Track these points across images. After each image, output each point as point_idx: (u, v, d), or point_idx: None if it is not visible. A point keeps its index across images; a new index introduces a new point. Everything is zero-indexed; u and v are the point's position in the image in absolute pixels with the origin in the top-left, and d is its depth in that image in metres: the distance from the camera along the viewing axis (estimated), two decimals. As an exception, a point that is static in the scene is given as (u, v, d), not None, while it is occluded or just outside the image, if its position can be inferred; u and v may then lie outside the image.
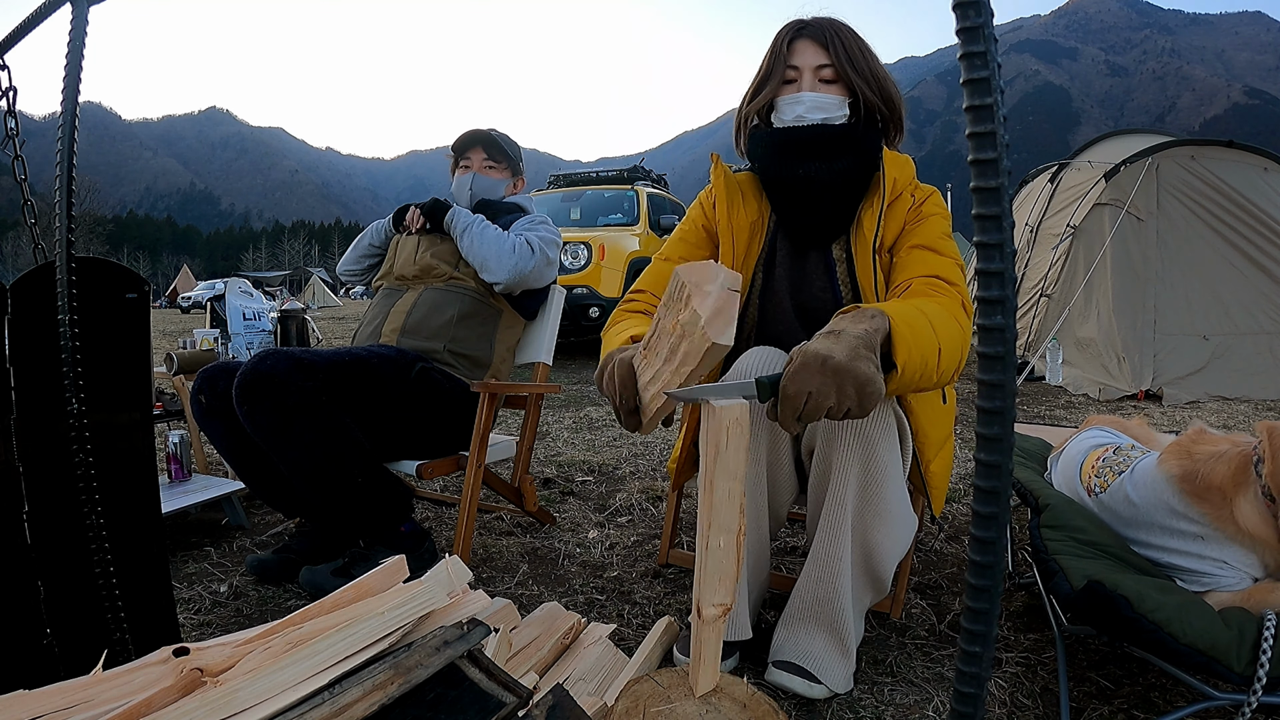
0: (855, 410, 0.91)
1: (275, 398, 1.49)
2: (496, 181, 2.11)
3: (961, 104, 0.41)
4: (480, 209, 2.07)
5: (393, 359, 1.70)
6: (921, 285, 1.18)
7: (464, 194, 2.07)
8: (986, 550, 0.44)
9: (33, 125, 10.47)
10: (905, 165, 1.31)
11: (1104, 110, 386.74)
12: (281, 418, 1.49)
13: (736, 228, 1.34)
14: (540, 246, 1.93)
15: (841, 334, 0.94)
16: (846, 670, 1.17)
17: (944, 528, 1.92)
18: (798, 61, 1.28)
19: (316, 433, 1.52)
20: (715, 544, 0.88)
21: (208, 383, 1.64)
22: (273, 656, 0.76)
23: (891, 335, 0.98)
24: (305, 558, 1.70)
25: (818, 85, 1.27)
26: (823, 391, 0.90)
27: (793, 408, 0.91)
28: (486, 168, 2.10)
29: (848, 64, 1.26)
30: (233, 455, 1.68)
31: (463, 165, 2.11)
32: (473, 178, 2.07)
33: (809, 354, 0.91)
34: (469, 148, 2.11)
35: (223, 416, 1.62)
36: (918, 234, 1.25)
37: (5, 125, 1.10)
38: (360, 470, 1.58)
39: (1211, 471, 1.10)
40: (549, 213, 7.55)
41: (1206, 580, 1.09)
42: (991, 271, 0.42)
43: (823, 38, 1.27)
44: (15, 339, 0.97)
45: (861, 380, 0.90)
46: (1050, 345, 4.70)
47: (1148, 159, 4.59)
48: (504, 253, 1.88)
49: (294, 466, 1.53)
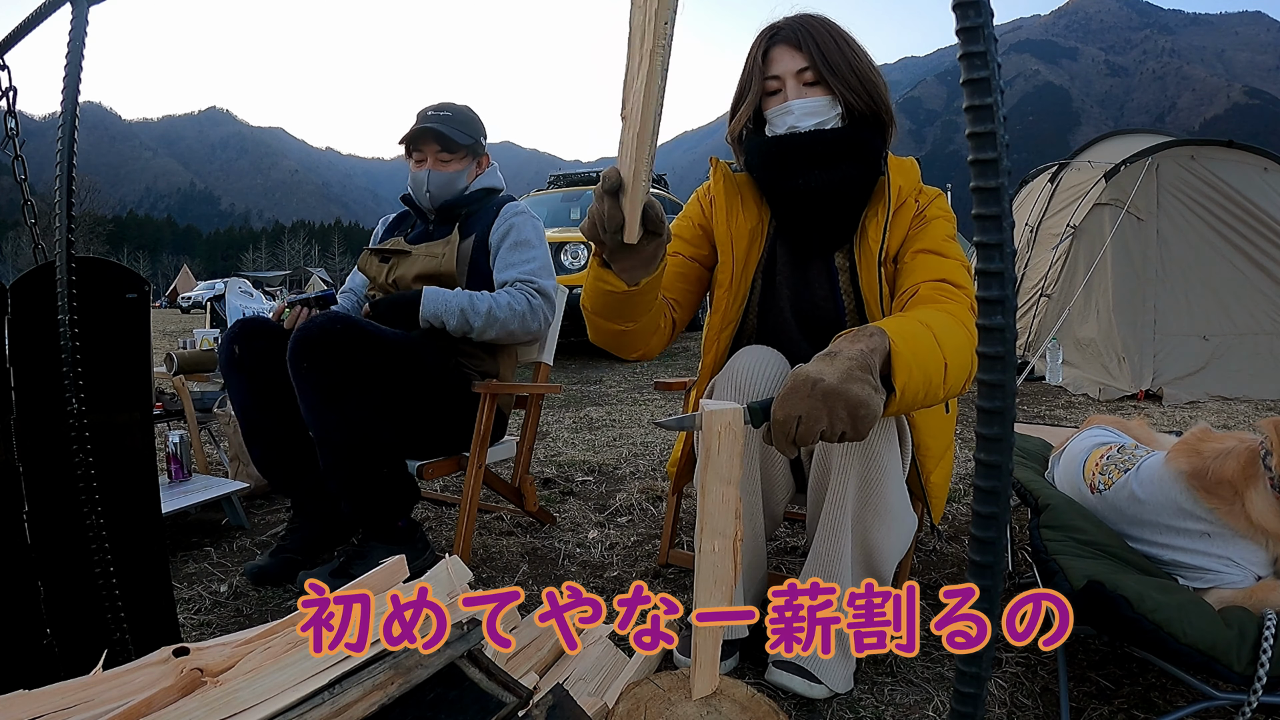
0: (850, 434, 0.90)
1: (336, 362, 1.47)
2: (455, 175, 1.90)
3: (961, 104, 0.41)
4: (443, 213, 1.91)
5: (434, 349, 1.70)
6: (929, 290, 1.15)
7: (422, 194, 1.90)
8: (986, 550, 0.44)
9: (33, 125, 10.45)
10: (909, 171, 1.28)
11: (1104, 110, 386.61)
12: (335, 386, 1.48)
13: (736, 235, 1.31)
14: (527, 296, 1.76)
15: (836, 355, 0.92)
16: (846, 670, 1.17)
17: (942, 535, 1.92)
18: (777, 70, 1.23)
19: (365, 410, 1.51)
20: (710, 548, 0.88)
21: (245, 337, 1.65)
22: (273, 656, 0.76)
23: (890, 355, 0.95)
24: (301, 555, 1.71)
25: (803, 91, 1.22)
26: (813, 415, 0.88)
27: (784, 433, 0.90)
28: (441, 162, 1.88)
29: (824, 67, 1.20)
30: (247, 412, 1.69)
31: (416, 159, 1.90)
32: (428, 176, 1.87)
33: (800, 377, 0.90)
34: (419, 141, 1.89)
35: (249, 372, 1.65)
36: (922, 238, 1.23)
37: (5, 125, 1.10)
38: (390, 459, 1.58)
39: (1222, 467, 1.11)
40: (549, 213, 7.54)
41: (1210, 577, 1.10)
42: (991, 271, 0.42)
43: (797, 41, 1.22)
44: (15, 339, 0.97)
45: (854, 403, 0.88)
46: (1050, 345, 4.70)
47: (1148, 159, 4.59)
48: (513, 320, 1.72)
49: (328, 439, 1.52)
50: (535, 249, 1.84)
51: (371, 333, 1.54)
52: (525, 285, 1.78)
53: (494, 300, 1.73)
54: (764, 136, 1.27)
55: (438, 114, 1.89)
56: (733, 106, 1.29)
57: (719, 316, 1.33)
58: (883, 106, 1.24)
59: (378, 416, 1.55)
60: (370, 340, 1.53)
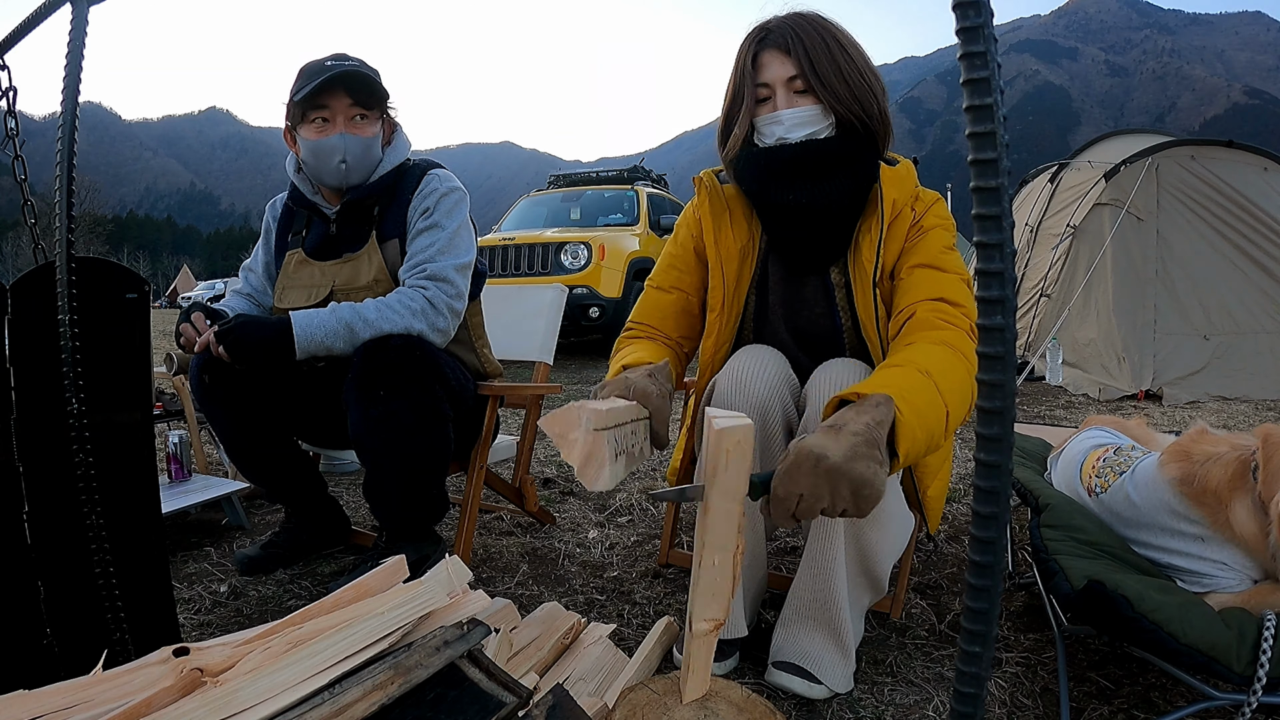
0: (851, 511, 0.86)
1: (417, 388, 1.35)
2: (372, 140, 1.48)
3: (961, 104, 0.41)
4: (349, 212, 1.50)
5: None
6: (926, 314, 1.11)
7: (331, 168, 1.45)
8: (986, 550, 0.44)
9: (33, 125, 10.45)
10: (904, 181, 1.22)
11: (1104, 110, 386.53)
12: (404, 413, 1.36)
13: (725, 255, 1.27)
14: (421, 291, 1.44)
15: (842, 430, 0.88)
16: (846, 670, 1.17)
17: (940, 538, 1.92)
18: (766, 77, 1.17)
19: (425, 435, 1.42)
20: (710, 562, 0.85)
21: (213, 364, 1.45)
22: (273, 656, 0.76)
23: (895, 425, 0.92)
24: (289, 553, 1.71)
25: (793, 100, 1.16)
26: (816, 494, 0.85)
27: (784, 508, 0.87)
28: (355, 119, 1.46)
29: (813, 75, 1.13)
30: (230, 440, 1.60)
31: (314, 121, 1.45)
32: (343, 142, 1.44)
33: (803, 453, 0.85)
34: (323, 97, 1.43)
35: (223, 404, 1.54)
36: (919, 251, 1.18)
37: (5, 125, 1.10)
38: (439, 479, 1.52)
39: (1208, 475, 1.09)
40: (548, 213, 7.54)
41: (1207, 581, 1.09)
42: (991, 271, 0.42)
43: (787, 45, 1.15)
44: (15, 339, 0.97)
45: (858, 483, 0.84)
46: (1050, 345, 4.70)
47: (1148, 159, 4.59)
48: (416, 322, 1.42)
49: (389, 466, 1.42)
50: (442, 229, 1.50)
51: (442, 356, 1.43)
52: (418, 276, 1.47)
53: (381, 307, 1.41)
54: (753, 148, 1.20)
55: (340, 62, 1.45)
56: (725, 114, 1.23)
57: (712, 340, 1.29)
58: (873, 115, 1.17)
59: (443, 444, 1.46)
60: (441, 363, 1.42)
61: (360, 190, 1.51)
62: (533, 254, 5.91)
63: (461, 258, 1.49)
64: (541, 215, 7.38)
